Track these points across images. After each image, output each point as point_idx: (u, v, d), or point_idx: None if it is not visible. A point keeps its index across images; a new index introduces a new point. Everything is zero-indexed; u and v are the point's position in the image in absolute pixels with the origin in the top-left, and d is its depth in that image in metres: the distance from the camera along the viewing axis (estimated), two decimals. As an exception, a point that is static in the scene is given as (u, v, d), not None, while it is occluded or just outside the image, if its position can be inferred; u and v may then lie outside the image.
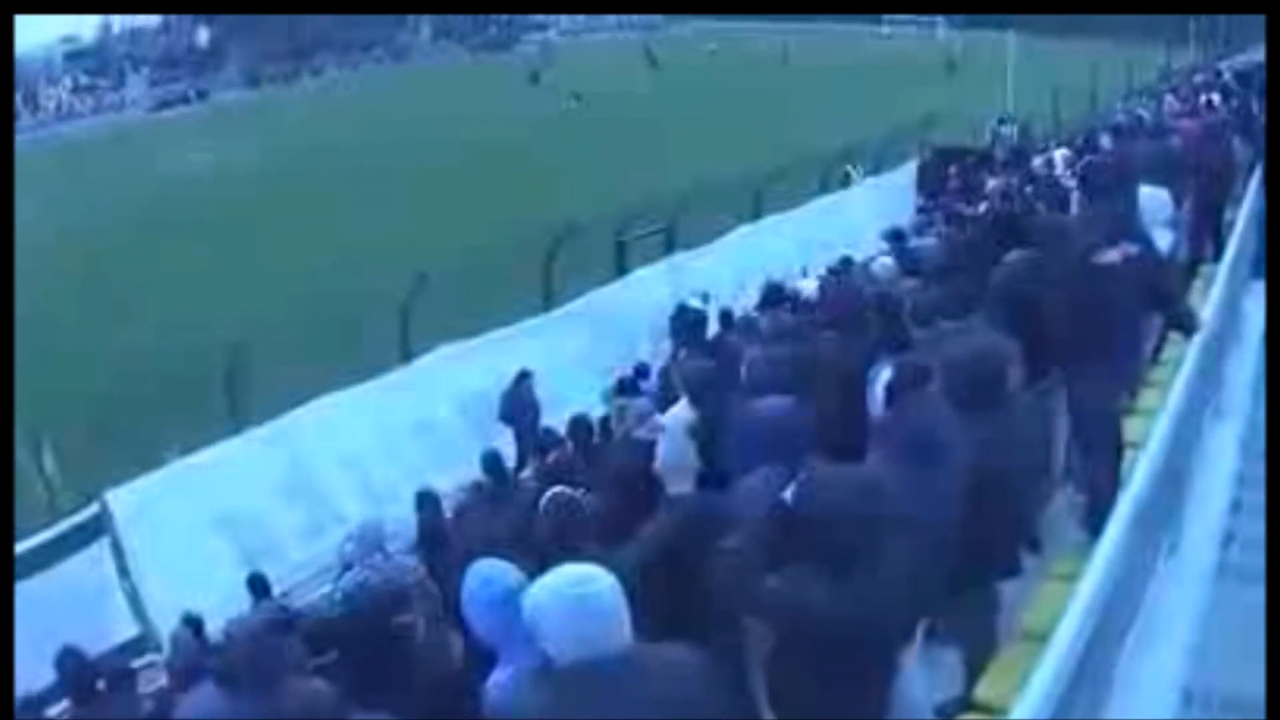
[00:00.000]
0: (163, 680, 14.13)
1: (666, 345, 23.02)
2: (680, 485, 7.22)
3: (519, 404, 21.56)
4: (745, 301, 22.78)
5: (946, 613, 6.15)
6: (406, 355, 23.05)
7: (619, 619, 4.60)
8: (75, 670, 11.48)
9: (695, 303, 23.52)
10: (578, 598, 4.58)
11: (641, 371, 20.30)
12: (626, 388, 18.39)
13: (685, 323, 22.85)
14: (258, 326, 26.15)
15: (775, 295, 18.21)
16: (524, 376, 22.00)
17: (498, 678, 5.55)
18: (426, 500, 14.44)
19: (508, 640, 5.48)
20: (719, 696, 4.74)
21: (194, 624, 14.00)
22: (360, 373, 22.13)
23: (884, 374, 6.97)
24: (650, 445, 8.47)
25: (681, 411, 9.41)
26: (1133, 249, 9.05)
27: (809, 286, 18.79)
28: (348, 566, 10.76)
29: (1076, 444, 8.96)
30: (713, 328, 21.40)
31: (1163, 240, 10.44)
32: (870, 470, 5.99)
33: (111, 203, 61.29)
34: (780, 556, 5.55)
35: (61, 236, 50.95)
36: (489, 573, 5.70)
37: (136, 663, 15.88)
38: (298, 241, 48.16)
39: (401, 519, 15.77)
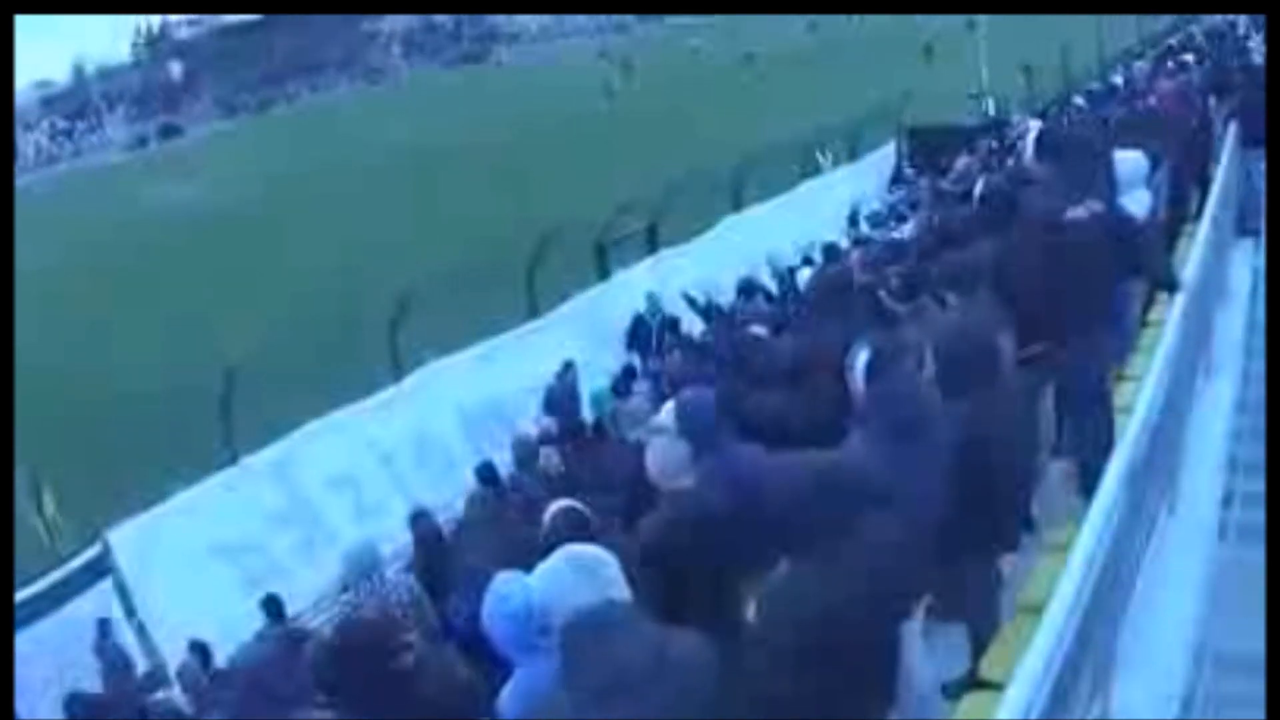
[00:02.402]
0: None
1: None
2: (674, 482, 7.19)
3: (563, 395, 21.53)
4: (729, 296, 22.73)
5: (947, 590, 6.11)
6: (398, 373, 22.96)
7: (611, 574, 4.80)
8: (84, 715, 11.49)
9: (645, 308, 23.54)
10: (567, 561, 4.85)
11: (630, 372, 20.22)
12: (619, 390, 18.35)
13: (640, 335, 22.94)
14: (249, 353, 26.16)
15: (749, 288, 18.24)
16: (568, 367, 22.06)
17: (513, 684, 5.56)
18: (420, 518, 14.41)
19: (526, 652, 5.50)
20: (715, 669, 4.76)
21: (200, 651, 13.97)
22: (353, 393, 22.07)
23: (862, 354, 6.92)
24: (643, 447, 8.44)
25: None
26: (1098, 206, 9.01)
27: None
28: (344, 589, 10.74)
29: (1065, 413, 8.93)
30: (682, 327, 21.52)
31: (1140, 202, 10.41)
32: (833, 454, 5.96)
33: (98, 243, 61.41)
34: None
35: (51, 279, 50.96)
36: (504, 589, 5.69)
37: (151, 697, 15.94)
38: (285, 267, 48.24)
39: (400, 537, 15.74)
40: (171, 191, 74.56)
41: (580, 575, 4.68)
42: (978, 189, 11.74)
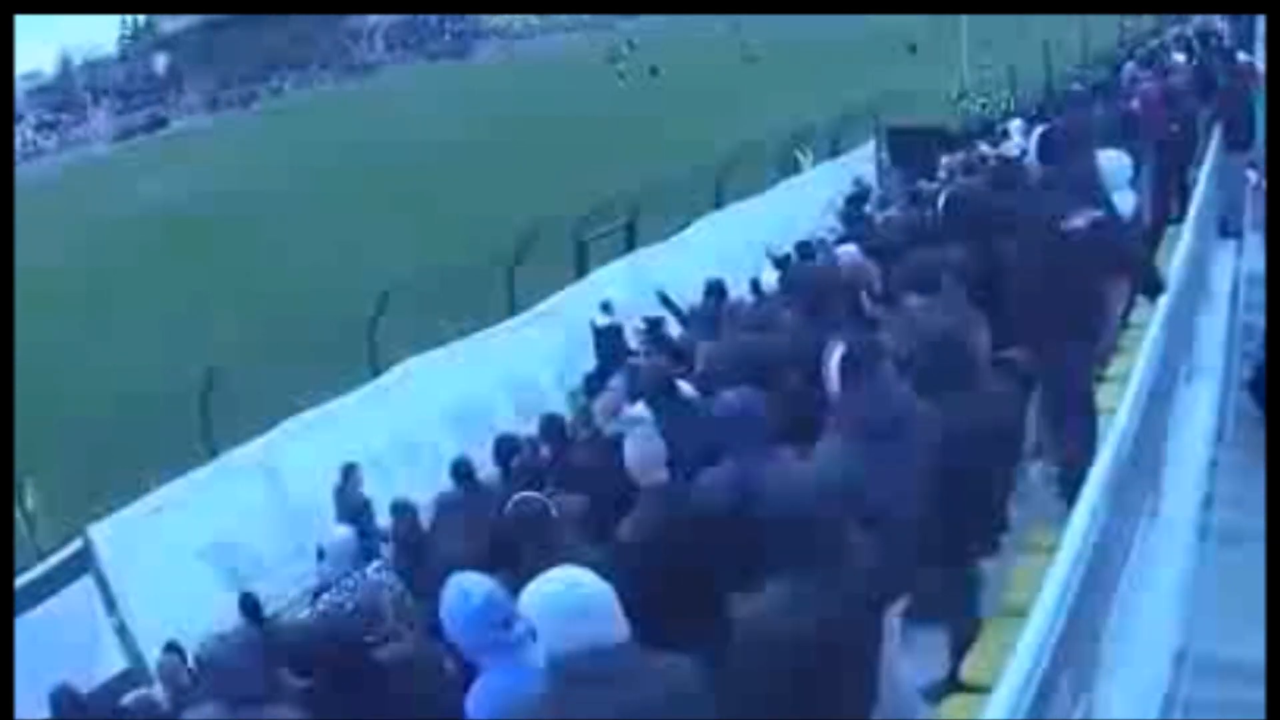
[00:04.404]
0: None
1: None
2: (650, 476, 7.18)
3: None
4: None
5: (926, 592, 6.11)
6: (375, 370, 22.95)
7: (613, 617, 4.63)
8: (70, 709, 11.43)
9: (601, 318, 23.43)
10: (570, 598, 4.64)
11: (604, 371, 20.21)
12: (593, 388, 18.31)
13: (603, 340, 22.89)
14: (230, 350, 26.13)
15: (718, 289, 18.22)
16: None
17: (481, 685, 5.56)
18: (402, 510, 14.32)
19: (491, 650, 5.51)
20: (711, 702, 4.72)
21: (178, 650, 13.90)
22: (333, 390, 22.05)
23: (836, 353, 6.92)
24: (618, 442, 8.42)
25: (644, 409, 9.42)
26: (1097, 213, 9.01)
27: (771, 276, 18.67)
28: (325, 587, 10.69)
29: (1047, 416, 8.94)
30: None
31: (1124, 203, 10.41)
32: (826, 467, 5.96)
33: (82, 238, 61.31)
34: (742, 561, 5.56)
35: (34, 273, 50.83)
36: (466, 585, 5.69)
37: (127, 697, 15.88)
38: (267, 262, 48.17)
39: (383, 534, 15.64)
40: (155, 186, 74.38)
41: (582, 622, 4.60)
42: (944, 193, 11.72)
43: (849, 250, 13.56)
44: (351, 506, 18.21)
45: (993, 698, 4.24)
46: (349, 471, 18.74)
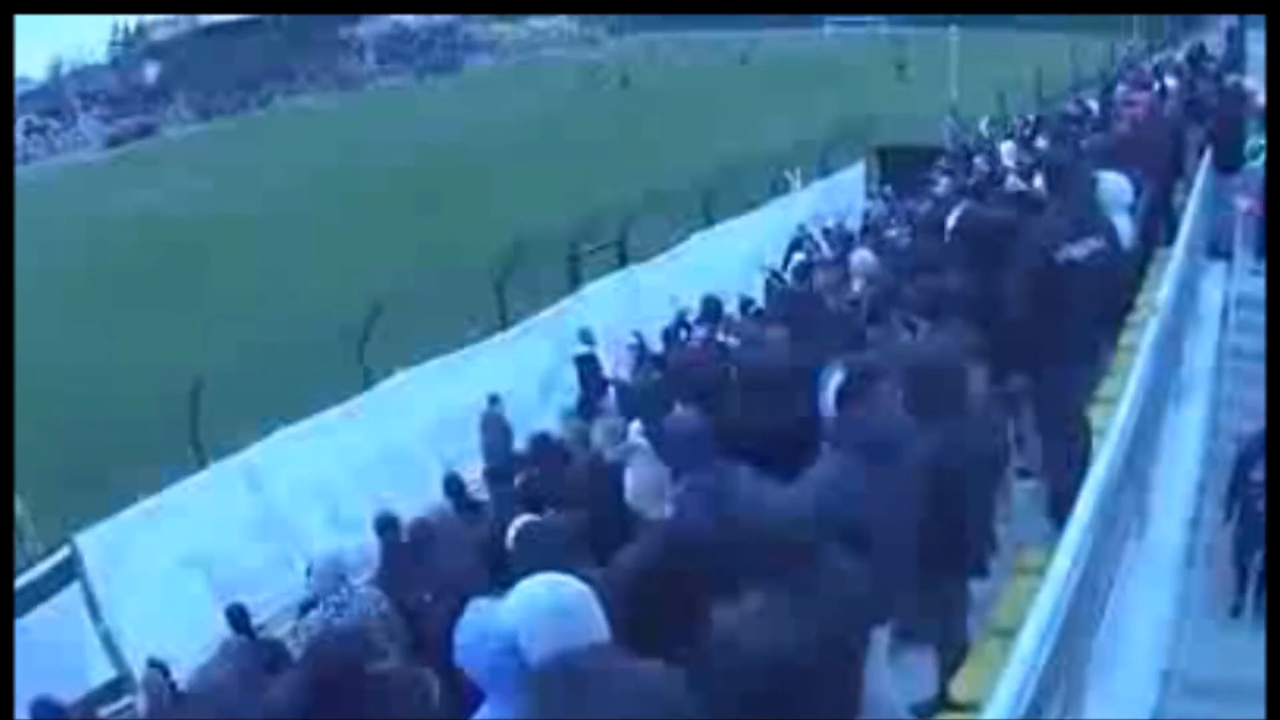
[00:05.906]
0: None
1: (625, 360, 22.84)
2: (653, 505, 7.18)
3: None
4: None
5: (916, 612, 6.13)
6: (367, 382, 22.92)
7: (592, 616, 4.64)
8: (51, 720, 11.40)
9: (580, 348, 23.47)
10: (551, 598, 4.66)
11: (598, 391, 20.24)
12: (586, 412, 18.27)
13: (584, 368, 22.95)
14: (218, 362, 26.09)
15: (715, 309, 18.26)
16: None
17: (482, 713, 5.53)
18: (386, 525, 14.26)
19: (500, 678, 5.45)
20: (690, 704, 4.71)
21: (161, 667, 13.84)
22: (322, 402, 22.01)
23: (835, 376, 6.91)
24: (619, 467, 8.38)
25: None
26: (1097, 243, 9.02)
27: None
28: (311, 602, 10.66)
29: (1041, 439, 8.95)
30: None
31: (1123, 226, 10.42)
32: (818, 487, 5.97)
33: (68, 244, 61.13)
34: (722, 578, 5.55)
35: (20, 278, 50.77)
36: (481, 621, 5.65)
37: (114, 706, 15.84)
38: (256, 272, 48.11)
39: (369, 548, 15.61)
40: (143, 194, 74.17)
41: (560, 619, 4.61)
42: (952, 219, 11.68)
43: (864, 256, 13.62)
44: (493, 433, 19.88)
45: (982, 716, 4.25)
46: (494, 400, 20.72)
